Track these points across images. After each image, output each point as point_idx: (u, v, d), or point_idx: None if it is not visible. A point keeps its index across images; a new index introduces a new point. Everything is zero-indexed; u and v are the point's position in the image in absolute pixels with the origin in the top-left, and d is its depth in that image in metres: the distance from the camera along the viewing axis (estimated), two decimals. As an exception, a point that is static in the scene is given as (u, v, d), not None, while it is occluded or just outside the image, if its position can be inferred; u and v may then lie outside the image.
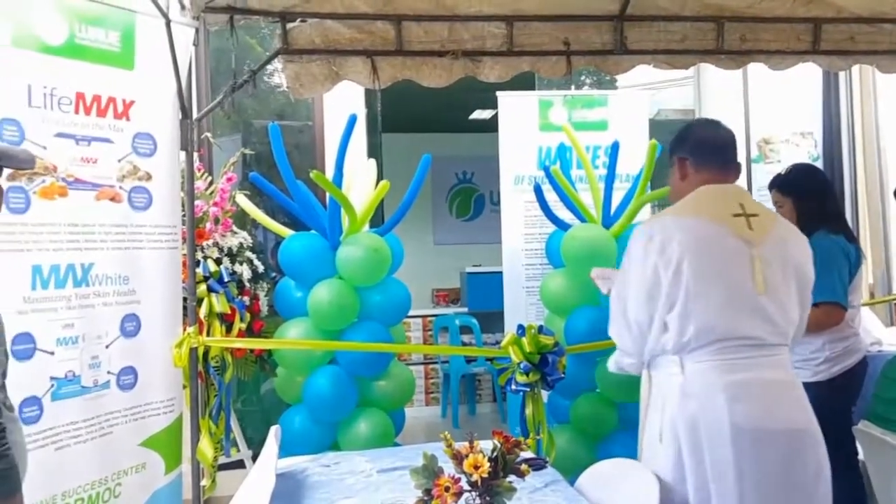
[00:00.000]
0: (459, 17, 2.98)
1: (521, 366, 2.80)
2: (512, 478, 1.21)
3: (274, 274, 4.27)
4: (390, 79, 2.99)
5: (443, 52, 3.00)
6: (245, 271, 3.35)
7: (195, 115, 2.87)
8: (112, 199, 2.51)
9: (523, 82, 4.06)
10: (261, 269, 3.49)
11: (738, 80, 4.44)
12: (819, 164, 4.51)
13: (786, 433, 1.93)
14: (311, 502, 1.99)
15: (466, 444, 1.16)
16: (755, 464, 1.90)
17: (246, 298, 3.30)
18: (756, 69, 3.43)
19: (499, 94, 3.83)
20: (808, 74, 4.10)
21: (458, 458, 1.15)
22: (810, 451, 1.96)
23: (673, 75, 4.79)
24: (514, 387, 2.86)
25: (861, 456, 2.70)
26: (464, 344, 6.05)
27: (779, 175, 3.02)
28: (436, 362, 6.45)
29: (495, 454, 1.16)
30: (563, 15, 3.08)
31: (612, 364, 2.21)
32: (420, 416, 6.04)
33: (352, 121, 3.15)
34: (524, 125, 3.90)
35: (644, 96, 4.15)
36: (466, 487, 1.13)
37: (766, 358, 1.97)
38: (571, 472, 2.25)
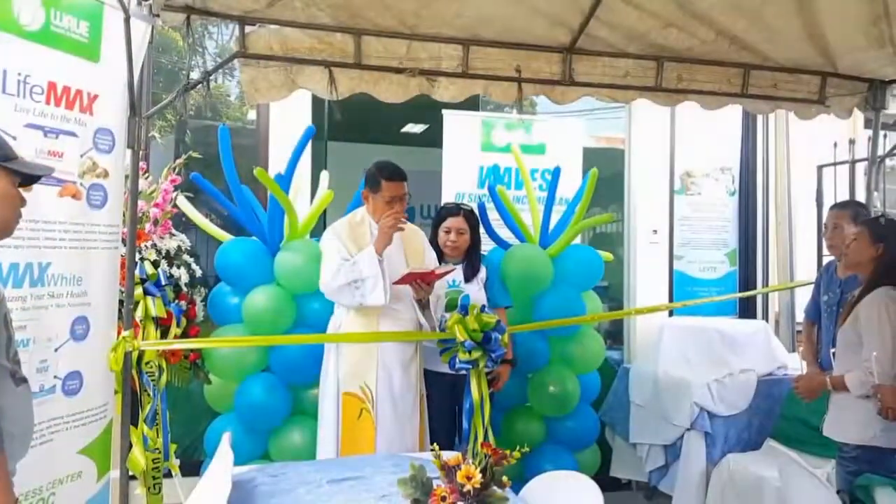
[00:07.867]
0: (418, 37, 3.04)
1: (465, 344, 2.86)
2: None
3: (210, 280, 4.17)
4: (347, 91, 3.01)
5: (400, 69, 3.05)
6: (183, 275, 3.26)
7: (143, 112, 2.79)
8: (73, 196, 2.39)
9: (463, 102, 4.13)
10: (199, 273, 3.40)
11: (665, 116, 4.68)
12: (735, 199, 4.85)
13: None
14: (265, 512, 1.98)
15: (456, 455, 1.20)
16: None
17: (182, 303, 3.21)
18: (682, 106, 3.63)
19: (444, 111, 3.90)
20: (729, 115, 4.39)
21: (446, 469, 1.20)
22: None
23: (605, 105, 5.00)
24: (457, 364, 2.92)
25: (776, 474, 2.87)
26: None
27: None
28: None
29: (485, 465, 1.21)
30: (517, 43, 3.19)
31: None
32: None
33: (309, 132, 3.14)
34: (467, 144, 3.99)
35: (580, 125, 4.32)
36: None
37: None
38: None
